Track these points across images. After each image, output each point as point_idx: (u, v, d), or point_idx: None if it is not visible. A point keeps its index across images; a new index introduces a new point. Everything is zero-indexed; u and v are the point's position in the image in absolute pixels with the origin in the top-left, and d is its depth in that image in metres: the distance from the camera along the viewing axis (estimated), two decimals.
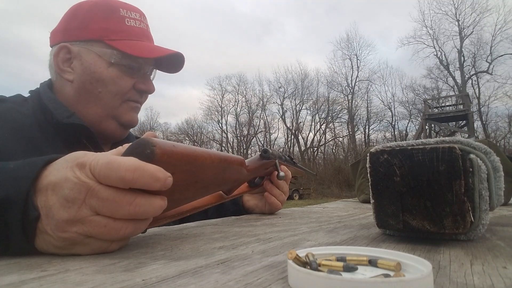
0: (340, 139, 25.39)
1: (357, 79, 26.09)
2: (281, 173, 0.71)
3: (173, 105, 36.60)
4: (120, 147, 0.37)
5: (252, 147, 26.80)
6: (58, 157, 0.36)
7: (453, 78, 23.22)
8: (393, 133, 24.38)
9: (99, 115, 0.75)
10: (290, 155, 0.87)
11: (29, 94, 0.77)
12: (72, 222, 0.32)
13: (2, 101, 0.71)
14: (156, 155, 0.33)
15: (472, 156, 0.39)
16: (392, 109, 25.15)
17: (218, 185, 0.52)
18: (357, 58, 26.70)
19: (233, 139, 27.85)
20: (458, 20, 23.38)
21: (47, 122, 0.70)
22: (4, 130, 0.64)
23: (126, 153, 0.35)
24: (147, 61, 0.79)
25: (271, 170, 0.74)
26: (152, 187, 0.33)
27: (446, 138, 0.42)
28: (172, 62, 0.82)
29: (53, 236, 0.33)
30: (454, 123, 19.11)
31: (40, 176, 0.34)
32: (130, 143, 0.36)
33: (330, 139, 25.62)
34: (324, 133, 25.90)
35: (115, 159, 0.33)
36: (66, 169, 0.33)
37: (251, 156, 0.70)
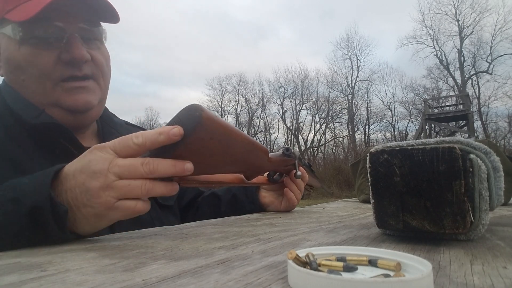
0: (340, 139, 25.35)
1: (357, 79, 26.05)
2: (298, 172, 0.75)
3: (172, 106, 36.59)
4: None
5: None
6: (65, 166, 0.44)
7: (453, 78, 23.19)
8: (393, 133, 24.34)
9: (42, 105, 0.62)
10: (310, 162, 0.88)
11: None
12: (103, 188, 0.41)
13: None
14: (203, 118, 0.40)
15: (472, 156, 0.39)
16: (392, 109, 25.11)
17: (243, 163, 0.57)
18: (357, 58, 26.66)
19: None
20: (458, 20, 23.34)
21: (16, 123, 0.61)
22: None
23: (176, 115, 0.42)
24: (63, 23, 0.61)
25: (290, 168, 0.76)
26: (158, 141, 0.41)
27: (446, 138, 0.42)
28: (93, 10, 0.64)
29: (91, 205, 0.41)
30: (454, 123, 19.09)
31: (59, 174, 0.43)
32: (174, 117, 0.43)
33: (330, 139, 25.57)
34: (324, 133, 25.87)
35: (125, 136, 0.43)
36: (85, 156, 0.43)
37: None
